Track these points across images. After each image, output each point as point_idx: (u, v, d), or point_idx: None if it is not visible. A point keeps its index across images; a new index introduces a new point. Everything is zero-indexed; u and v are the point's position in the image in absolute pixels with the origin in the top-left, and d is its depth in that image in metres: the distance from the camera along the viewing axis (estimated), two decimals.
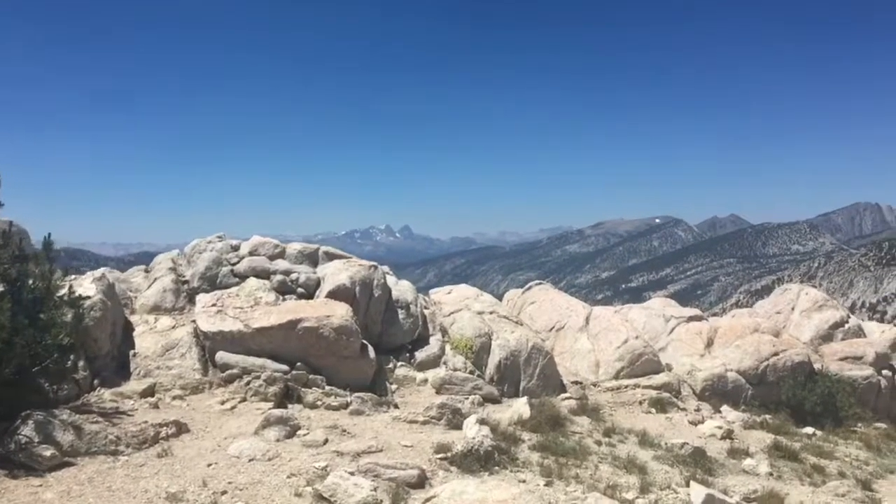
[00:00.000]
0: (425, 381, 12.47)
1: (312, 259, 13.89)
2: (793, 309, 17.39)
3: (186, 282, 12.86)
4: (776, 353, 14.78)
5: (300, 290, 12.82)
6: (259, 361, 10.58)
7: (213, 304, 10.98)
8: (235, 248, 13.70)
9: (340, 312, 10.90)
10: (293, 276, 12.96)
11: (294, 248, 13.87)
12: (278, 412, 8.94)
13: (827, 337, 16.66)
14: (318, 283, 12.95)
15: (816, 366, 15.08)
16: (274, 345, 10.72)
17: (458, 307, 14.73)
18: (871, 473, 10.70)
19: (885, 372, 15.87)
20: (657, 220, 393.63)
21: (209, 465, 7.68)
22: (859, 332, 17.08)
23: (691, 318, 16.52)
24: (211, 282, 12.82)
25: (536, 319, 16.88)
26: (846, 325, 16.99)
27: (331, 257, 13.90)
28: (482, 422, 9.76)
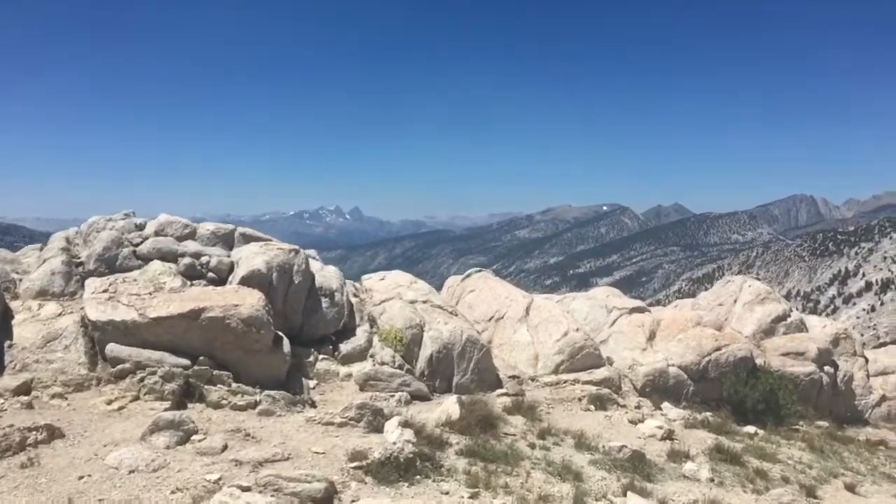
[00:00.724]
0: (350, 375, 11.49)
1: (227, 241, 12.67)
2: (735, 301, 16.91)
3: (82, 264, 11.50)
4: (718, 348, 14.23)
5: (211, 274, 11.62)
6: (156, 355, 9.40)
7: (105, 290, 9.72)
8: (140, 228, 12.37)
9: (251, 301, 9.78)
10: (203, 259, 11.74)
11: (206, 228, 12.60)
12: (169, 415, 7.85)
13: (769, 331, 16.21)
14: (231, 268, 11.77)
15: (759, 361, 14.60)
16: (174, 336, 9.55)
17: (390, 295, 13.75)
18: (815, 478, 10.21)
19: (826, 368, 15.51)
20: (605, 208, 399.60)
21: (81, 477, 6.65)
22: (801, 327, 16.69)
23: (634, 310, 15.87)
24: (109, 264, 11.49)
25: (475, 308, 16.04)
26: (789, 319, 16.58)
27: (248, 239, 12.69)
28: (405, 424, 8.87)
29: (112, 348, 9.38)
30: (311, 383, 11.00)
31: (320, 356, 11.60)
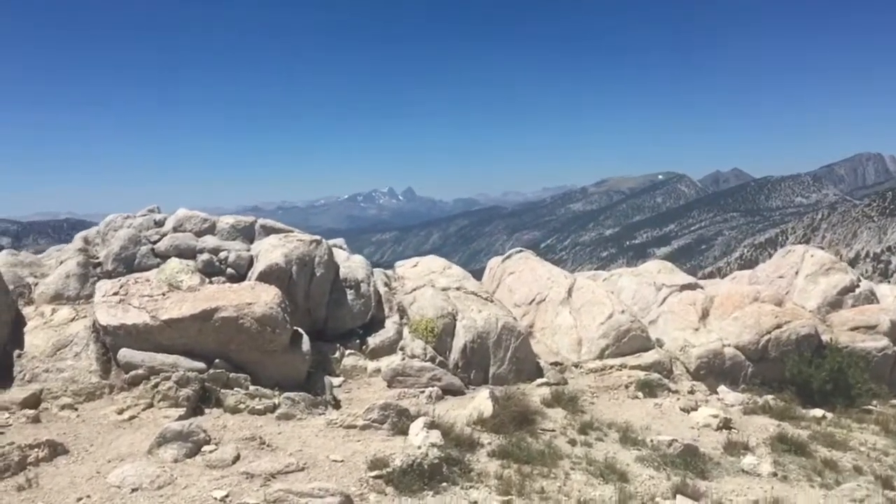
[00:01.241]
0: (378, 371, 10.90)
1: (248, 234, 12.16)
2: (797, 273, 15.65)
3: (100, 264, 11.16)
4: (779, 326, 13.11)
5: (230, 270, 11.15)
6: (170, 359, 8.95)
7: (116, 293, 9.30)
8: (160, 224, 11.97)
9: (265, 299, 9.23)
10: (222, 254, 11.26)
11: (226, 221, 12.11)
12: (178, 425, 7.36)
13: (835, 304, 14.93)
14: (251, 262, 11.27)
15: (825, 338, 13.42)
16: (187, 339, 9.08)
17: (421, 283, 13.10)
18: (892, 466, 9.18)
19: None
20: (660, 177, 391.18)
21: (79, 499, 6.23)
22: (871, 298, 15.35)
23: (685, 287, 14.83)
24: (127, 263, 11.13)
25: (516, 291, 15.27)
26: (857, 290, 15.25)
27: (268, 231, 12.16)
28: (432, 425, 8.26)
29: (124, 354, 8.98)
30: (337, 381, 10.45)
31: (347, 351, 11.05)
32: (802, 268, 15.49)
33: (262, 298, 9.25)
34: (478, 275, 17.70)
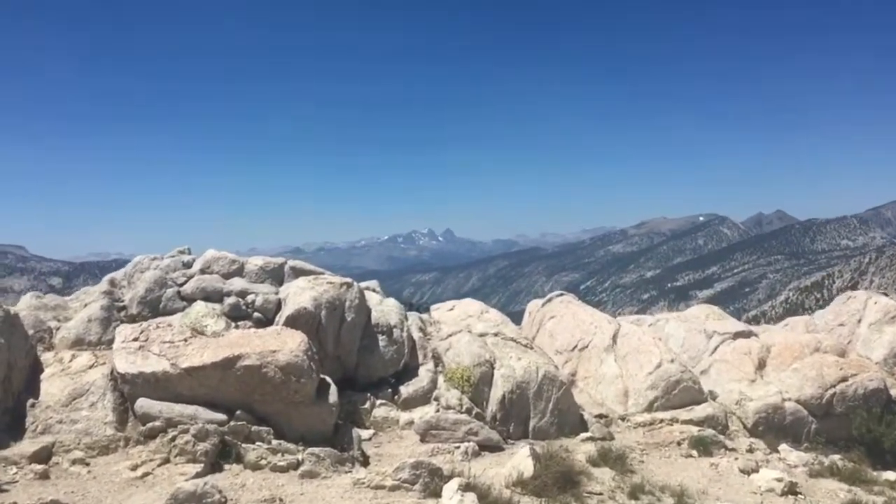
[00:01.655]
0: (410, 422, 10.21)
1: (277, 276, 11.70)
2: (859, 321, 14.60)
3: (125, 307, 10.76)
4: (844, 379, 12.11)
5: (257, 314, 10.65)
6: (189, 410, 8.40)
7: (136, 339, 8.84)
8: (187, 266, 11.56)
9: (290, 346, 8.66)
10: (249, 297, 10.78)
11: (254, 263, 11.65)
12: (191, 485, 6.78)
13: None
14: (279, 306, 10.76)
15: (894, 392, 12.37)
16: (208, 389, 8.54)
17: (458, 328, 12.43)
18: None
19: None
20: (701, 218, 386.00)
21: None
22: None
23: (738, 335, 13.90)
24: (152, 307, 10.71)
25: (557, 337, 14.52)
26: None
27: (297, 273, 11.66)
28: (466, 487, 7.53)
29: (142, 404, 8.46)
30: (367, 433, 9.78)
31: (378, 401, 10.40)
32: (865, 315, 14.45)
33: (287, 346, 8.69)
34: (517, 317, 17.00)
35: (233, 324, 10.37)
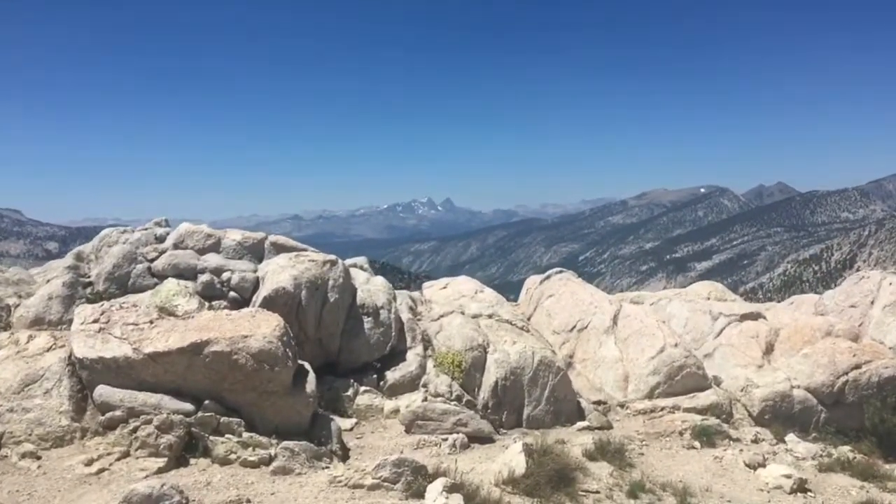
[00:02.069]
0: (396, 411, 9.57)
1: (256, 252, 10.95)
2: (872, 302, 13.88)
3: (91, 284, 10.04)
4: (857, 366, 11.43)
5: (233, 294, 9.95)
6: (153, 399, 7.73)
7: (96, 320, 8.12)
8: (160, 240, 10.81)
9: (264, 331, 7.96)
10: (225, 275, 10.06)
11: (232, 238, 10.88)
12: (146, 487, 6.13)
13: None
14: (256, 285, 10.06)
15: None
16: (174, 376, 7.85)
17: (450, 308, 11.75)
18: None
19: None
20: (702, 190, 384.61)
21: None
22: None
23: (745, 317, 13.20)
24: (121, 284, 9.99)
25: (555, 317, 13.82)
26: None
27: (279, 250, 10.92)
28: (452, 488, 6.92)
29: (102, 392, 7.78)
30: (349, 423, 9.15)
31: (362, 388, 9.75)
32: (879, 297, 13.72)
33: (260, 330, 7.98)
34: (515, 287, 16.38)
35: (206, 304, 9.67)
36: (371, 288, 10.85)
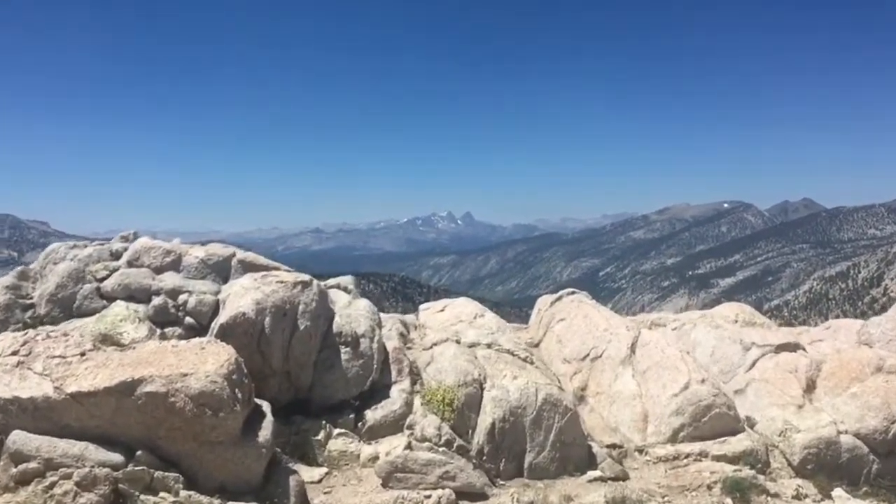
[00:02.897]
0: (375, 458, 8.18)
1: (222, 271, 9.65)
2: None
3: (32, 306, 8.82)
4: None
5: (189, 319, 8.67)
6: (76, 449, 6.44)
7: (15, 352, 6.88)
8: (116, 256, 9.58)
9: (208, 368, 6.65)
10: (182, 297, 8.78)
11: (194, 255, 9.57)
12: None
13: None
14: (217, 309, 8.77)
15: None
16: (101, 421, 6.57)
17: (444, 336, 10.37)
18: None
19: None
20: (725, 205, 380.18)
21: None
22: None
23: (781, 347, 11.68)
24: (65, 307, 8.75)
25: (566, 343, 12.40)
26: None
27: (246, 268, 9.61)
28: None
29: (16, 439, 6.51)
30: (319, 473, 7.79)
31: (336, 430, 8.36)
32: None
33: (205, 366, 6.67)
34: (534, 302, 15.06)
35: (158, 331, 8.40)
36: (352, 313, 9.48)
